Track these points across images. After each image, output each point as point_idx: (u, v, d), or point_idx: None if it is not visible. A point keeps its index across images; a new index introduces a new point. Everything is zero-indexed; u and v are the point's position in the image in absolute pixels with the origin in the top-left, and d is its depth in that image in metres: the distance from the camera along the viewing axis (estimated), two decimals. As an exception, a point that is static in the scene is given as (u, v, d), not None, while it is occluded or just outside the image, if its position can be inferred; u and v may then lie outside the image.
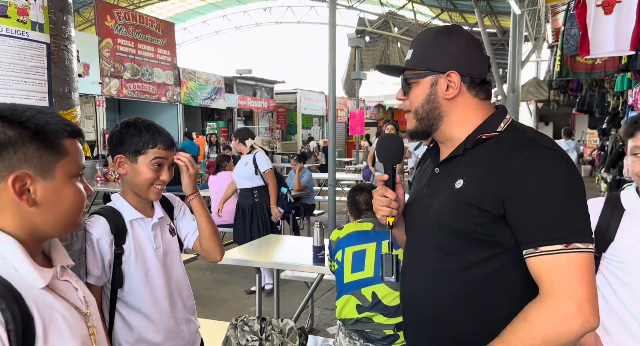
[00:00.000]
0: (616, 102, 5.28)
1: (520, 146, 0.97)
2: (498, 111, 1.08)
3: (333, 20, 5.20)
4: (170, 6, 22.23)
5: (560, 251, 0.90)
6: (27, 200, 0.78)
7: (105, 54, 10.02)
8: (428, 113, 1.07)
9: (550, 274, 0.91)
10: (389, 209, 1.12)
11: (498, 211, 0.96)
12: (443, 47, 1.05)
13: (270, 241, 3.51)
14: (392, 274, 1.16)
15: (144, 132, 1.40)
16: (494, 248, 0.98)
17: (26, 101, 1.22)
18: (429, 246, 1.08)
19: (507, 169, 0.95)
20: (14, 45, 1.19)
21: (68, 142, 0.82)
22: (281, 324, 2.63)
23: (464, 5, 16.71)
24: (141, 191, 1.43)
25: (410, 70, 1.08)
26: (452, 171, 1.05)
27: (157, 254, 1.45)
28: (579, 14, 3.33)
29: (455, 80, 1.04)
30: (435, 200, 1.07)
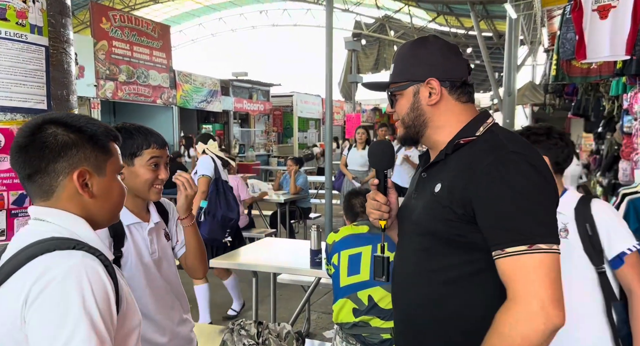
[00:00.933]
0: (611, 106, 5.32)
1: (489, 150, 1.01)
2: (479, 115, 1.12)
3: (330, 24, 5.21)
4: (166, 8, 22.21)
5: (524, 252, 0.92)
6: (87, 192, 0.92)
7: (101, 56, 9.99)
8: (413, 121, 1.12)
9: (514, 275, 0.93)
10: (379, 213, 1.17)
11: (467, 212, 0.99)
12: (420, 57, 1.11)
13: (267, 245, 3.50)
14: (383, 275, 1.20)
15: (136, 135, 1.42)
16: (471, 250, 1.02)
17: (24, 103, 1.22)
18: (412, 247, 1.13)
19: (473, 171, 0.99)
20: (12, 48, 1.18)
21: (113, 145, 0.98)
22: (278, 328, 2.62)
23: (460, 9, 16.80)
24: (142, 193, 1.44)
25: (394, 83, 1.14)
26: (434, 176, 1.10)
27: (153, 258, 1.47)
28: (575, 18, 3.35)
29: (436, 86, 1.09)
30: (419, 204, 1.12)
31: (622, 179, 4.50)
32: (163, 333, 1.46)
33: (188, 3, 22.11)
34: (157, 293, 1.47)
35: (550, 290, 0.91)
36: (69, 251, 0.82)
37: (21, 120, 1.24)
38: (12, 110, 1.23)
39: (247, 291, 4.24)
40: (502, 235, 0.95)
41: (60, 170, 0.89)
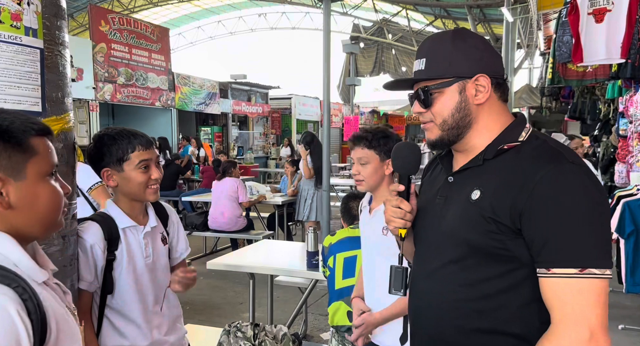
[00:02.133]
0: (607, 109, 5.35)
1: (543, 159, 0.92)
2: (518, 118, 1.04)
3: (327, 27, 5.23)
4: (165, 11, 22.24)
5: (574, 276, 0.86)
6: (1, 203, 0.77)
7: (99, 58, 9.99)
8: (459, 122, 1.01)
9: (561, 298, 0.87)
10: (403, 222, 1.06)
11: (514, 225, 0.91)
12: (464, 50, 0.99)
13: (264, 247, 3.50)
14: (401, 288, 1.10)
15: (119, 140, 1.39)
16: (510, 263, 0.94)
17: (19, 106, 1.22)
18: (441, 259, 1.02)
19: (526, 182, 0.90)
20: (7, 50, 1.19)
21: (36, 140, 0.80)
22: (274, 330, 2.62)
23: (457, 13, 16.86)
24: (138, 196, 1.43)
25: (431, 80, 1.01)
26: (468, 182, 1.00)
27: (146, 262, 1.46)
28: (572, 21, 3.37)
29: (485, 83, 0.99)
30: (449, 211, 1.02)
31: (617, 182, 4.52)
32: (149, 339, 1.45)
33: (187, 6, 22.15)
34: (146, 300, 1.45)
35: (601, 317, 0.86)
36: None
37: (16, 122, 1.24)
38: (7, 112, 1.23)
39: (244, 293, 4.24)
40: (552, 254, 0.88)
41: None
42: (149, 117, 12.06)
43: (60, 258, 1.29)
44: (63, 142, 1.33)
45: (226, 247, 5.91)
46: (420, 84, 1.03)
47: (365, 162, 1.66)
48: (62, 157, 1.32)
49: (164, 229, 1.57)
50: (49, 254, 1.25)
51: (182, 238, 1.63)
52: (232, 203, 4.96)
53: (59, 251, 1.30)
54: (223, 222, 4.98)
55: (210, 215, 5.11)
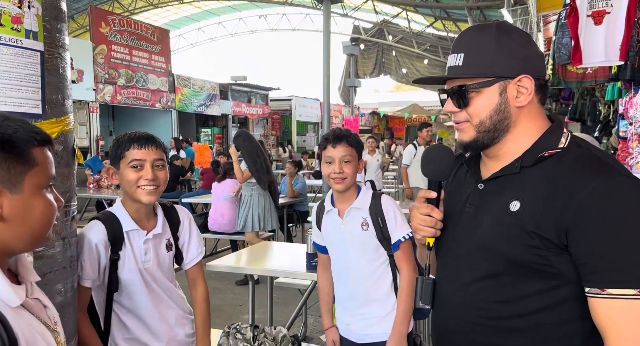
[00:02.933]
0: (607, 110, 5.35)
1: (591, 170, 0.85)
2: (556, 123, 0.96)
3: (327, 28, 5.24)
4: (166, 13, 22.29)
5: (633, 297, 0.79)
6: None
7: (100, 60, 10.01)
8: (496, 125, 0.93)
9: (617, 321, 0.81)
10: (433, 231, 0.98)
11: (560, 240, 0.84)
12: (507, 48, 0.91)
13: (264, 248, 3.51)
14: (430, 300, 1.02)
15: (122, 139, 1.43)
16: (553, 280, 0.87)
17: (19, 108, 1.22)
18: (474, 272, 0.95)
19: (575, 195, 0.83)
20: (7, 53, 1.19)
21: (37, 151, 0.76)
22: (274, 332, 2.62)
23: (457, 14, 16.89)
24: (132, 195, 1.43)
25: (470, 78, 0.92)
26: (504, 190, 0.93)
27: (145, 266, 1.47)
28: (571, 23, 3.38)
29: (528, 85, 0.91)
30: (483, 221, 0.94)
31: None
32: (155, 335, 1.49)
33: (187, 7, 22.20)
34: (150, 300, 1.48)
35: None
36: None
37: (16, 124, 1.25)
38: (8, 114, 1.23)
39: (244, 295, 4.24)
40: (606, 274, 0.81)
41: None
42: (149, 118, 12.07)
43: (60, 259, 1.30)
44: (63, 145, 1.34)
45: (226, 249, 5.91)
46: (456, 82, 0.94)
47: (349, 160, 1.70)
48: (62, 159, 1.32)
49: (174, 234, 1.57)
50: (49, 255, 1.26)
51: (195, 244, 1.62)
52: (232, 204, 4.97)
53: (59, 252, 1.30)
54: (223, 224, 4.99)
55: (210, 217, 5.11)
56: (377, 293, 1.76)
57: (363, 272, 1.75)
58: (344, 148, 1.70)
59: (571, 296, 0.87)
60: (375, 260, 1.76)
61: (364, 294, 1.76)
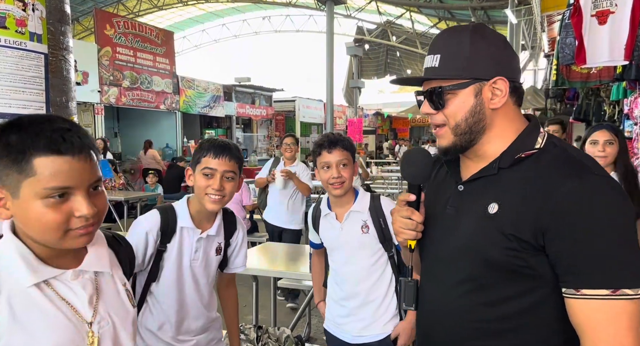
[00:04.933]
0: (612, 110, 5.32)
1: (566, 171, 0.85)
2: (532, 123, 0.96)
3: (331, 29, 5.25)
4: (170, 15, 22.38)
5: (606, 297, 0.80)
6: (1, 213, 0.79)
7: (105, 62, 10.07)
8: (472, 127, 0.93)
9: (592, 321, 0.82)
10: (414, 233, 0.98)
11: (537, 241, 0.85)
12: (483, 50, 0.91)
13: (267, 249, 3.51)
14: (413, 302, 1.03)
15: (203, 145, 1.48)
16: (531, 281, 0.88)
17: (24, 110, 1.24)
18: (456, 275, 0.95)
19: (551, 196, 0.83)
20: (12, 55, 1.20)
21: (40, 161, 0.75)
22: (278, 332, 2.62)
23: (461, 15, 16.86)
24: (200, 200, 1.47)
25: (445, 80, 0.93)
26: (483, 192, 0.93)
27: (192, 265, 1.52)
28: (575, 23, 3.36)
29: (503, 87, 0.91)
30: (462, 223, 0.94)
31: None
32: (178, 332, 1.54)
33: (192, 9, 22.28)
34: (184, 297, 1.52)
35: (634, 341, 0.80)
36: None
37: (20, 126, 1.26)
38: (12, 117, 1.25)
39: (247, 296, 4.25)
40: (582, 274, 0.82)
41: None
42: (154, 120, 12.12)
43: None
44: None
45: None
46: (432, 83, 0.95)
47: (346, 164, 1.72)
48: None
49: (226, 240, 1.61)
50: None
51: (242, 255, 1.68)
52: (236, 205, 4.96)
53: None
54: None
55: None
56: (375, 293, 1.77)
57: (362, 273, 1.77)
58: (339, 152, 1.71)
59: (550, 297, 0.87)
60: (375, 262, 1.77)
61: (363, 295, 1.77)
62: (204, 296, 1.58)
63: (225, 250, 1.62)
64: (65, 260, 0.85)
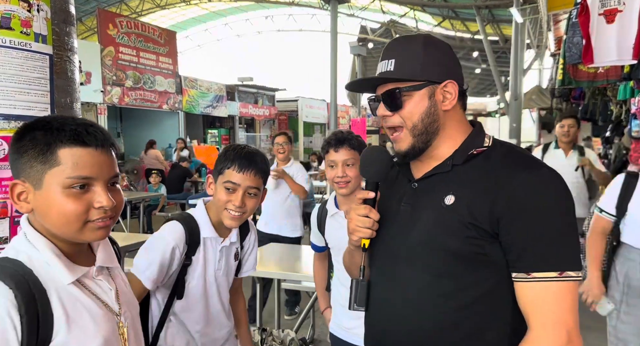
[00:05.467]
0: (619, 110, 5.27)
1: (518, 164, 0.93)
2: (478, 126, 1.05)
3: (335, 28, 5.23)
4: (173, 14, 22.41)
5: (554, 279, 0.88)
6: (22, 207, 0.82)
7: (108, 62, 10.07)
8: (427, 127, 0.99)
9: (541, 302, 0.88)
10: (370, 232, 1.00)
11: (493, 229, 0.91)
12: (434, 56, 0.99)
13: (271, 250, 3.49)
14: (364, 303, 1.05)
15: (228, 153, 1.37)
16: (486, 269, 0.93)
17: (28, 111, 1.22)
18: (414, 269, 0.98)
19: (505, 187, 0.90)
20: (17, 56, 1.19)
21: (64, 151, 0.80)
22: (282, 335, 2.60)
23: (465, 13, 16.81)
24: (218, 213, 1.41)
25: (400, 81, 0.98)
26: (437, 188, 0.99)
27: (216, 275, 1.47)
28: (582, 22, 3.33)
29: (453, 90, 0.99)
30: (420, 218, 0.98)
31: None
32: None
33: (194, 9, 22.30)
34: (209, 310, 1.46)
35: (576, 319, 0.88)
36: None
37: (25, 128, 1.24)
38: (16, 118, 1.23)
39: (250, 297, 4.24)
40: (532, 258, 0.89)
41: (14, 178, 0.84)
42: (157, 120, 12.13)
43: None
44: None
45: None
46: (388, 86, 1.00)
47: (352, 163, 1.69)
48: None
49: (240, 243, 1.56)
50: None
51: (253, 258, 1.63)
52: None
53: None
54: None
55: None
56: None
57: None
58: (346, 151, 1.69)
59: (501, 284, 0.93)
60: None
61: None
62: (226, 305, 1.53)
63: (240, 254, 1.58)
64: (81, 257, 0.88)
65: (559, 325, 0.87)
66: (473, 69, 20.08)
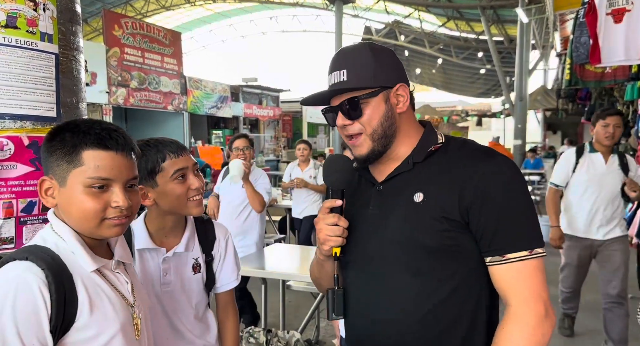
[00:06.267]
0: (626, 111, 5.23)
1: (478, 155, 0.99)
2: (429, 125, 1.09)
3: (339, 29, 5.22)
4: (178, 15, 22.47)
5: (526, 257, 0.94)
6: (48, 201, 0.91)
7: (113, 63, 10.11)
8: (386, 131, 1.02)
9: (518, 281, 0.94)
10: (341, 240, 1.01)
11: (463, 219, 0.96)
12: (383, 62, 1.02)
13: (276, 251, 3.48)
14: (342, 312, 1.05)
15: (146, 151, 1.23)
16: (460, 259, 0.98)
17: (34, 111, 1.22)
18: (390, 270, 1.00)
19: (470, 177, 0.96)
20: (23, 56, 1.19)
21: (88, 153, 0.88)
22: (287, 336, 2.59)
23: (470, 14, 16.76)
24: (180, 210, 1.27)
25: (355, 90, 1.00)
26: (403, 187, 1.01)
27: (163, 290, 1.29)
28: (589, 22, 3.30)
29: (404, 92, 1.03)
30: (390, 219, 1.00)
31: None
32: None
33: (199, 10, 22.35)
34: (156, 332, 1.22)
35: (547, 291, 0.95)
36: (16, 263, 0.83)
37: (30, 128, 1.24)
38: (22, 118, 1.22)
39: (256, 298, 4.23)
40: (504, 241, 0.94)
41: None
42: (161, 121, 12.15)
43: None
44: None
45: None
46: (343, 96, 1.02)
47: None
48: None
49: (208, 253, 1.37)
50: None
51: (229, 265, 1.42)
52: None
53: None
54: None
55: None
56: None
57: None
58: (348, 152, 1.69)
59: (472, 273, 0.98)
60: None
61: None
62: (191, 322, 1.33)
63: (209, 266, 1.38)
64: (101, 251, 0.96)
65: (537, 299, 0.93)
66: (478, 70, 20.01)
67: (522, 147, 12.05)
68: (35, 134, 1.23)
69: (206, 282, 1.39)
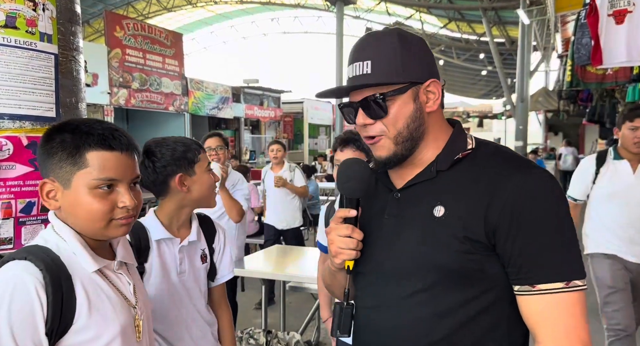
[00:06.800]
0: (627, 112, 5.22)
1: (509, 167, 0.85)
2: (458, 126, 0.95)
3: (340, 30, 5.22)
4: (179, 17, 22.52)
5: (562, 290, 0.81)
6: (50, 204, 0.89)
7: (114, 64, 10.12)
8: (413, 133, 0.89)
9: (548, 316, 0.81)
10: (355, 253, 0.90)
11: (489, 241, 0.83)
12: (413, 53, 0.88)
13: (277, 252, 3.48)
14: (349, 329, 0.93)
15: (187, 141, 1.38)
16: (482, 285, 0.85)
17: (33, 111, 1.21)
18: (404, 287, 0.89)
19: (497, 193, 0.83)
20: (22, 56, 1.18)
21: (92, 154, 0.87)
22: (287, 337, 2.59)
23: (471, 15, 16.76)
24: (207, 201, 1.41)
25: (380, 86, 0.87)
26: (423, 197, 0.89)
27: (180, 278, 1.38)
28: (591, 23, 3.30)
29: (436, 89, 0.89)
30: (406, 232, 0.89)
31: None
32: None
33: (200, 11, 22.40)
34: (176, 316, 1.36)
35: (587, 330, 0.82)
36: (15, 263, 0.82)
37: (29, 128, 1.24)
38: (21, 118, 1.22)
39: (256, 299, 4.22)
40: (535, 270, 0.81)
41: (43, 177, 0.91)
42: (163, 121, 12.16)
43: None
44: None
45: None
46: (365, 92, 0.88)
47: None
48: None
49: (210, 245, 1.48)
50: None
51: (227, 258, 1.53)
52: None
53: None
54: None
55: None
56: None
57: None
58: (351, 152, 1.69)
59: (499, 299, 0.86)
60: None
61: None
62: (203, 311, 1.44)
63: (211, 257, 1.48)
64: (103, 252, 0.95)
65: (573, 340, 0.80)
66: (479, 71, 20.00)
67: (523, 149, 12.05)
68: (34, 134, 1.23)
69: (209, 272, 1.48)
